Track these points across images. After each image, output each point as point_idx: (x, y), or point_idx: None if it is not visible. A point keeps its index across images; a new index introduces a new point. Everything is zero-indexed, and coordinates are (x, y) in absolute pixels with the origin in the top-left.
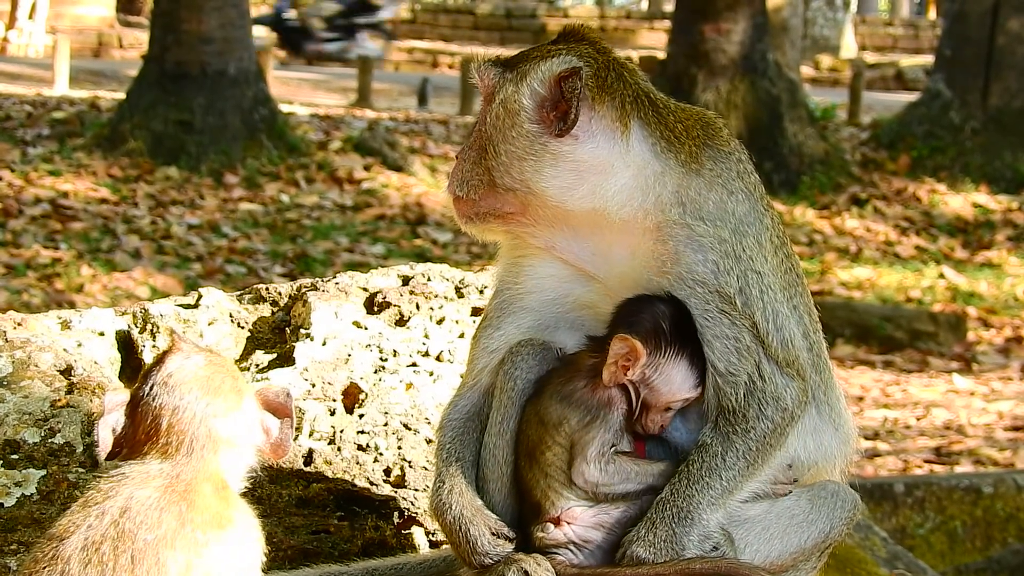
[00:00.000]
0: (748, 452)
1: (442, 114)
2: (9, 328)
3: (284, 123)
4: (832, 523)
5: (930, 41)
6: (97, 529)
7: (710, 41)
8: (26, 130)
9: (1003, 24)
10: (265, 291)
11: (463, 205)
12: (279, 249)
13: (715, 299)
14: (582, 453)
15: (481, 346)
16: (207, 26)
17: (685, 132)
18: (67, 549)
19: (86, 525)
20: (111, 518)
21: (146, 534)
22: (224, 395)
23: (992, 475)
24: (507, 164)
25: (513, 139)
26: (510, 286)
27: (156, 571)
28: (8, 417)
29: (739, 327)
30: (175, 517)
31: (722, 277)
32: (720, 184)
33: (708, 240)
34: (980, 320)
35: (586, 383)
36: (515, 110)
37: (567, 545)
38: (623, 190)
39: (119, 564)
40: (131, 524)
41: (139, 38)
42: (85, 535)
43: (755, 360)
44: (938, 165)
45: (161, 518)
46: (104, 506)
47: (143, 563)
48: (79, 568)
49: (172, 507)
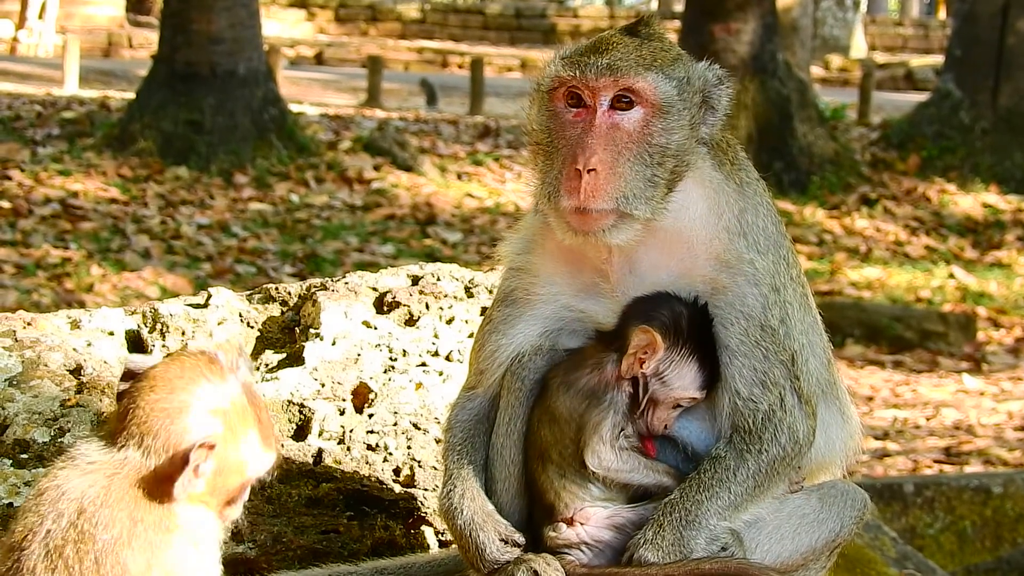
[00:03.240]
0: (758, 473)
1: (452, 114)
2: (19, 328)
3: (294, 123)
4: (842, 522)
5: (940, 41)
6: (56, 534)
7: (720, 41)
8: (36, 130)
9: (1013, 24)
10: (275, 291)
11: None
12: (289, 249)
13: (756, 331)
14: (597, 433)
15: (487, 353)
16: (217, 26)
17: (724, 152)
18: (30, 560)
19: (43, 531)
20: (68, 520)
21: (103, 534)
22: (195, 404)
23: (1002, 475)
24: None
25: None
26: (519, 294)
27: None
28: (18, 417)
29: (771, 362)
30: (127, 516)
31: (769, 311)
32: (764, 211)
33: (762, 275)
34: (990, 320)
35: (591, 370)
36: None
37: (579, 545)
38: (704, 210)
39: (84, 567)
40: (88, 525)
41: (149, 38)
42: (45, 542)
43: (780, 393)
44: (948, 165)
45: (113, 517)
46: (59, 507)
47: (100, 569)
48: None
49: (122, 505)
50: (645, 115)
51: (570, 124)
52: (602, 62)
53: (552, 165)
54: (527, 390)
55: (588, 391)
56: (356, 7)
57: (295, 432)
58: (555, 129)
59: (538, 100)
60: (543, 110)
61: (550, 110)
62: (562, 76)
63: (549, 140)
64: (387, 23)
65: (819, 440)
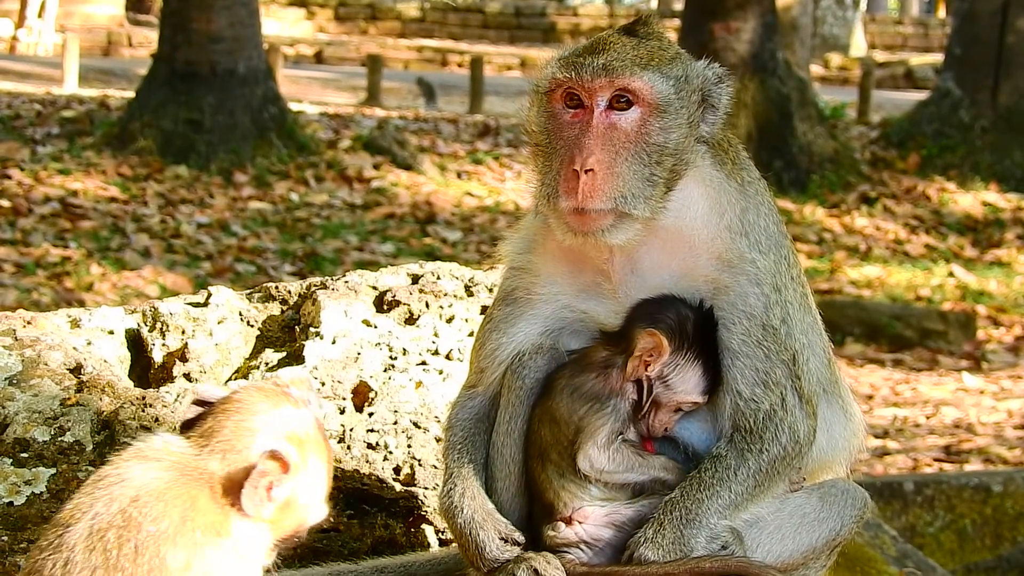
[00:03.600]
0: (759, 472)
1: (451, 113)
2: (19, 327)
3: (294, 122)
4: (843, 521)
5: (940, 40)
6: (104, 517)
7: (720, 40)
8: (36, 129)
9: (1012, 23)
10: (275, 290)
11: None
12: (289, 248)
13: (758, 331)
14: (592, 439)
15: (488, 351)
16: (216, 25)
17: (724, 151)
18: (72, 537)
19: (93, 512)
20: (119, 506)
21: (150, 525)
22: (269, 413)
23: (1002, 473)
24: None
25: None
26: (520, 293)
27: (160, 570)
28: (18, 415)
29: (773, 361)
30: (179, 514)
31: (771, 310)
32: (765, 210)
33: (764, 275)
34: (990, 318)
35: (598, 374)
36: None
37: (578, 544)
38: (705, 209)
39: (123, 553)
40: (138, 514)
41: (149, 37)
42: (91, 523)
43: (781, 392)
44: (948, 164)
45: (165, 511)
46: (114, 492)
47: (138, 559)
48: (84, 555)
49: (177, 500)
50: (642, 114)
51: (568, 125)
52: (598, 63)
53: (551, 166)
54: (528, 389)
55: (592, 395)
56: (356, 6)
57: None
58: (553, 130)
59: (536, 101)
60: (541, 111)
61: (548, 111)
62: (559, 78)
63: (548, 141)
64: (387, 22)
65: (821, 439)
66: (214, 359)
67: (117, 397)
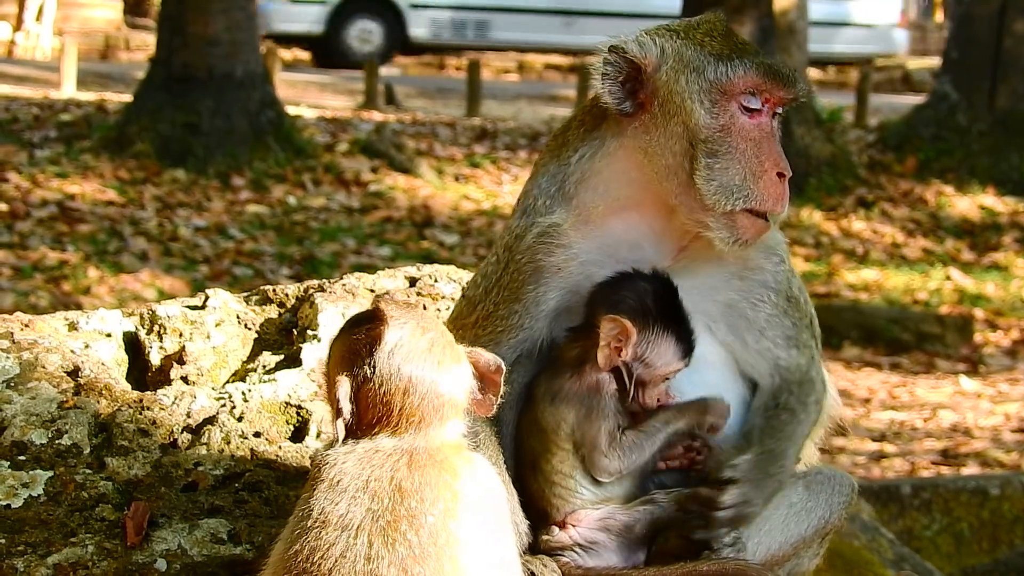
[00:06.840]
0: (808, 423)
1: (449, 116)
2: (16, 330)
3: (291, 125)
4: (831, 509)
5: (937, 43)
6: (384, 510)
7: None
8: (33, 132)
9: (1010, 26)
10: (272, 292)
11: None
12: (286, 251)
13: (783, 302)
14: (596, 449)
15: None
16: (213, 29)
17: None
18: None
19: (363, 508)
20: (390, 499)
21: (431, 510)
22: (446, 364)
23: (999, 477)
24: None
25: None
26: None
27: (455, 545)
28: (15, 418)
29: (799, 327)
30: (446, 489)
31: (792, 281)
32: None
33: (781, 248)
34: (987, 322)
35: (571, 374)
36: None
37: (573, 547)
38: None
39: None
40: (416, 504)
41: (146, 40)
42: (373, 516)
43: (810, 354)
44: (945, 167)
45: (436, 495)
46: (372, 488)
47: (436, 541)
48: (380, 548)
49: (439, 481)
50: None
51: (751, 127)
52: (791, 72)
53: (729, 166)
54: (516, 394)
55: (575, 399)
56: None
57: (293, 434)
58: (735, 130)
59: (708, 96)
60: (715, 107)
61: (725, 109)
62: (756, 80)
63: (726, 139)
64: None
65: None
66: (211, 362)
67: (115, 400)
